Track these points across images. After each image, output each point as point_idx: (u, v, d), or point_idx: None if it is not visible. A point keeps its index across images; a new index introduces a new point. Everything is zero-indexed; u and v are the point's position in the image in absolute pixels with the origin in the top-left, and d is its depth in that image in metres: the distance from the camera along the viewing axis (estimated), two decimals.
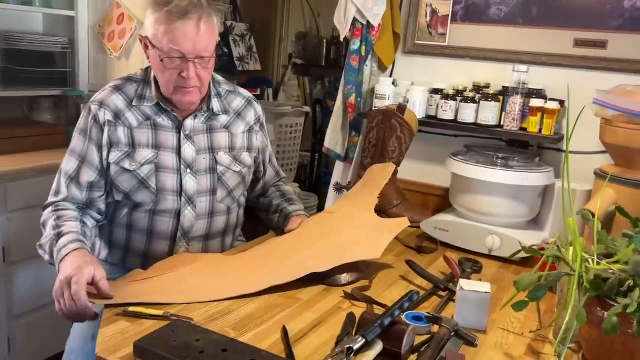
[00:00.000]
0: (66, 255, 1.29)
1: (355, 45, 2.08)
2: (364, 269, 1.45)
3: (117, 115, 1.48)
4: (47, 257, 1.39)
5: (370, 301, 1.29)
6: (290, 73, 4.75)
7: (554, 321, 1.19)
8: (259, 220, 1.82)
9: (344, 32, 2.08)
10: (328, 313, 1.24)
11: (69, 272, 1.23)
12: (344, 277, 1.39)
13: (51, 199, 1.50)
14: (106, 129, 1.46)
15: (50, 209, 1.46)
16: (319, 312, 1.24)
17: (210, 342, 1.01)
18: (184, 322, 1.10)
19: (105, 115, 1.47)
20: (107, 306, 1.19)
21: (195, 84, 1.44)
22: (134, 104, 1.50)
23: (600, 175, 1.53)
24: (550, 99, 1.82)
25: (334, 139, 2.22)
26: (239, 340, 1.06)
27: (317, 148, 4.51)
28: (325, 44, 4.81)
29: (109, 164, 1.47)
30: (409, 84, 2.08)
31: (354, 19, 2.05)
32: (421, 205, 2.02)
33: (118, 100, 1.49)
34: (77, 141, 1.50)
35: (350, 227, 1.51)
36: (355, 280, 1.40)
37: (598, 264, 1.04)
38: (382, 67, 2.18)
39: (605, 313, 0.95)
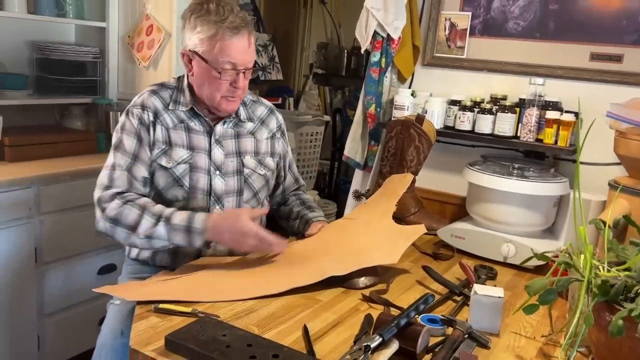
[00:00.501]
0: (204, 224, 1.44)
1: (375, 57, 2.14)
2: (381, 274, 1.50)
3: (157, 115, 1.57)
4: (160, 243, 1.45)
5: (387, 304, 1.35)
6: (311, 82, 4.83)
7: (565, 326, 1.23)
8: (280, 227, 1.88)
9: (364, 45, 2.14)
10: (347, 314, 1.30)
11: (235, 230, 1.43)
12: (362, 281, 1.45)
13: (108, 191, 1.50)
14: (151, 129, 1.55)
15: (117, 201, 1.48)
16: (338, 312, 1.30)
17: (236, 337, 1.08)
18: (211, 319, 1.16)
19: (149, 116, 1.56)
20: (138, 303, 1.26)
21: (240, 94, 1.57)
22: (169, 107, 1.59)
23: (614, 186, 1.57)
24: (566, 111, 1.86)
25: (353, 147, 2.28)
26: (262, 336, 1.12)
27: (337, 156, 4.57)
28: (345, 54, 4.88)
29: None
30: (427, 95, 2.13)
31: (375, 32, 2.11)
32: (438, 214, 2.07)
33: (157, 102, 1.58)
34: (126, 141, 1.54)
35: (368, 233, 1.57)
36: (372, 284, 1.46)
37: (608, 271, 1.08)
38: (401, 79, 2.25)
39: (612, 317, 0.99)
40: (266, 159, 1.70)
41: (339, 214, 3.58)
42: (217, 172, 1.60)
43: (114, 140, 1.58)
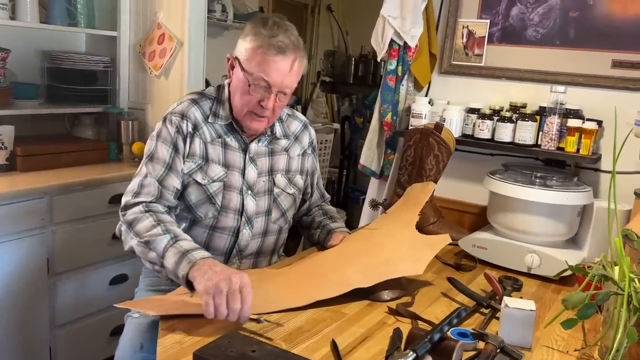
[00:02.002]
0: (200, 259, 1.26)
1: (392, 65, 2.13)
2: (406, 286, 1.47)
3: (196, 127, 1.53)
4: (152, 255, 1.34)
5: (415, 317, 1.32)
6: (319, 90, 4.82)
7: (599, 340, 1.20)
8: (297, 236, 1.86)
9: (381, 53, 2.13)
10: (374, 327, 1.27)
11: (226, 273, 1.20)
12: (387, 294, 1.42)
13: (136, 198, 1.45)
14: (188, 139, 1.51)
15: (140, 207, 1.43)
16: (366, 326, 1.27)
17: (265, 352, 1.05)
18: (238, 333, 1.13)
19: (187, 127, 1.51)
20: (162, 318, 1.23)
21: (267, 115, 1.51)
22: (209, 120, 1.55)
23: None
24: (588, 119, 1.84)
25: (369, 156, 2.25)
26: (291, 352, 1.09)
27: (345, 164, 4.56)
28: (353, 62, 4.88)
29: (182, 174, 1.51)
30: (445, 103, 2.11)
31: (391, 40, 2.10)
32: (457, 223, 2.04)
33: (197, 113, 1.54)
34: (161, 149, 1.50)
35: (392, 244, 1.54)
36: (397, 297, 1.43)
37: None
38: (418, 87, 2.23)
39: None
40: (296, 177, 1.67)
41: (348, 222, 3.56)
42: (249, 192, 1.57)
43: (148, 146, 1.53)
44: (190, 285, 1.26)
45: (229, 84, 1.56)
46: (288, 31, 1.47)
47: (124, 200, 1.48)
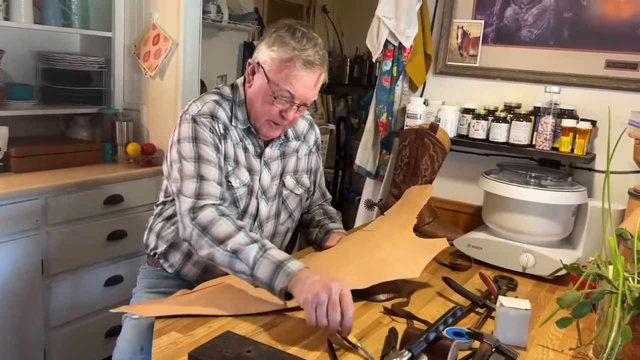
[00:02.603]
0: (297, 270, 1.22)
1: (387, 65, 2.13)
2: (401, 287, 1.48)
3: (226, 128, 1.50)
4: (240, 266, 1.27)
5: (410, 317, 1.32)
6: None
7: (594, 339, 1.20)
8: (293, 237, 1.86)
9: (376, 54, 2.13)
10: (369, 328, 1.27)
11: (325, 282, 1.16)
12: (383, 296, 1.42)
13: (202, 200, 1.37)
14: (222, 140, 1.48)
15: (211, 210, 1.35)
16: (361, 326, 1.27)
17: (261, 353, 1.05)
18: (234, 334, 1.13)
19: (219, 128, 1.48)
20: (157, 318, 1.23)
21: (286, 125, 1.51)
22: (232, 123, 1.52)
23: (634, 194, 1.55)
24: (582, 119, 1.85)
25: (365, 156, 2.26)
26: (287, 352, 1.09)
27: (341, 165, 4.56)
28: (348, 63, 4.89)
29: None
30: (440, 104, 2.12)
31: (386, 41, 2.10)
32: (452, 223, 2.05)
33: (223, 115, 1.50)
34: (205, 151, 1.43)
35: (389, 246, 1.54)
36: (393, 297, 1.43)
37: (639, 282, 1.06)
38: (413, 87, 2.23)
39: None
40: (303, 177, 1.67)
41: (344, 222, 3.55)
42: (263, 197, 1.56)
43: (184, 150, 1.43)
44: (287, 297, 1.23)
45: (248, 87, 1.52)
46: (317, 45, 1.44)
47: (186, 204, 1.37)
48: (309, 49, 1.41)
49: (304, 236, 1.78)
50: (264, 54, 1.46)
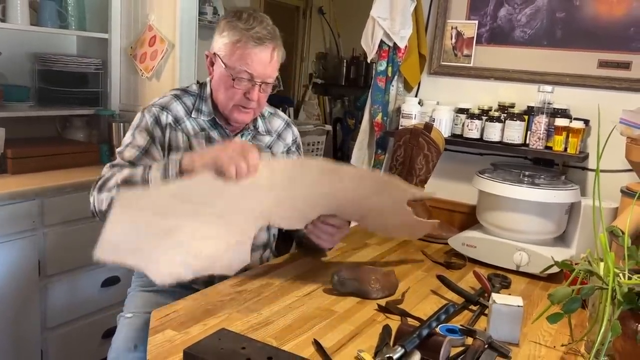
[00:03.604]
0: (180, 158, 1.34)
1: (382, 66, 2.14)
2: (396, 284, 1.48)
3: (177, 121, 1.55)
4: (135, 179, 1.37)
5: (404, 314, 1.33)
6: (311, 92, 4.84)
7: (585, 335, 1.22)
8: (289, 239, 1.87)
9: (371, 54, 2.14)
10: (364, 325, 1.28)
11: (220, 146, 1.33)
12: (377, 292, 1.43)
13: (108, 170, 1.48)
14: (167, 131, 1.53)
15: (108, 167, 1.48)
16: (355, 324, 1.28)
17: (255, 349, 1.06)
18: (229, 331, 1.14)
19: (167, 119, 1.54)
20: (153, 316, 1.23)
21: (253, 106, 1.53)
22: (192, 115, 1.57)
23: (627, 192, 1.57)
24: (575, 119, 1.86)
25: (360, 157, 2.27)
26: (282, 348, 1.10)
27: None
28: (345, 64, 4.91)
29: None
30: (434, 104, 2.13)
31: (381, 41, 2.11)
32: (447, 222, 2.05)
33: (179, 108, 1.56)
34: (138, 137, 1.52)
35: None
36: (387, 295, 1.44)
37: (629, 278, 1.07)
38: (407, 87, 2.24)
39: (639, 325, 0.98)
40: None
41: None
42: None
43: (125, 137, 1.55)
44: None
45: (211, 79, 1.58)
46: (264, 22, 1.50)
47: (99, 180, 1.46)
48: (256, 26, 1.47)
49: (295, 240, 1.79)
50: (217, 42, 1.52)
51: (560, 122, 1.85)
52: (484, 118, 1.98)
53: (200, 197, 1.28)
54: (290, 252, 1.83)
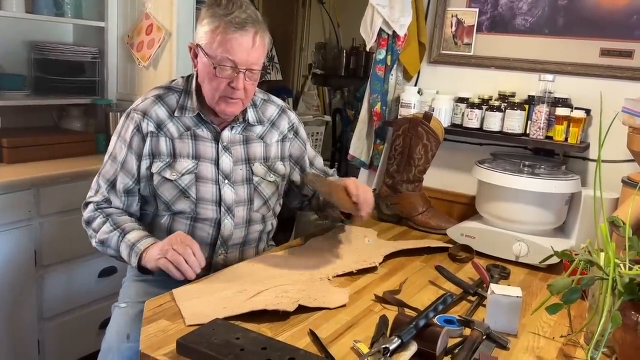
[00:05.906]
0: (146, 248, 1.39)
1: (381, 54, 2.11)
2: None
3: (159, 126, 1.51)
4: (111, 251, 1.48)
5: (401, 304, 1.32)
6: (310, 83, 4.80)
7: (585, 326, 1.20)
8: (288, 229, 1.85)
9: (369, 43, 2.11)
10: (360, 315, 1.26)
11: (162, 241, 1.38)
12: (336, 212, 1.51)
13: (92, 197, 1.54)
14: (148, 139, 1.49)
15: (92, 206, 1.52)
16: (352, 314, 1.26)
17: (249, 340, 1.04)
18: (223, 322, 1.13)
19: (148, 126, 1.49)
20: (146, 306, 1.22)
21: (240, 96, 1.47)
22: (175, 114, 1.52)
23: (628, 183, 1.55)
24: (576, 108, 1.84)
25: (359, 147, 2.24)
26: (276, 339, 1.09)
27: (337, 156, 4.55)
28: (344, 54, 4.86)
29: (151, 174, 1.50)
30: (434, 93, 2.10)
31: (380, 29, 2.08)
32: (446, 213, 2.04)
33: (160, 111, 1.51)
34: (117, 147, 1.52)
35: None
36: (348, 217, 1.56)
37: (630, 269, 1.05)
38: (407, 76, 2.21)
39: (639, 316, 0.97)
40: (276, 164, 1.63)
41: None
42: (226, 182, 1.54)
43: (111, 141, 1.56)
44: (145, 271, 1.41)
45: (196, 71, 1.52)
46: (243, 5, 1.43)
47: (87, 196, 1.56)
48: (235, 10, 1.41)
49: (315, 210, 1.80)
50: (199, 32, 1.47)
51: (561, 111, 1.82)
52: (484, 107, 1.96)
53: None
54: (288, 241, 1.82)
